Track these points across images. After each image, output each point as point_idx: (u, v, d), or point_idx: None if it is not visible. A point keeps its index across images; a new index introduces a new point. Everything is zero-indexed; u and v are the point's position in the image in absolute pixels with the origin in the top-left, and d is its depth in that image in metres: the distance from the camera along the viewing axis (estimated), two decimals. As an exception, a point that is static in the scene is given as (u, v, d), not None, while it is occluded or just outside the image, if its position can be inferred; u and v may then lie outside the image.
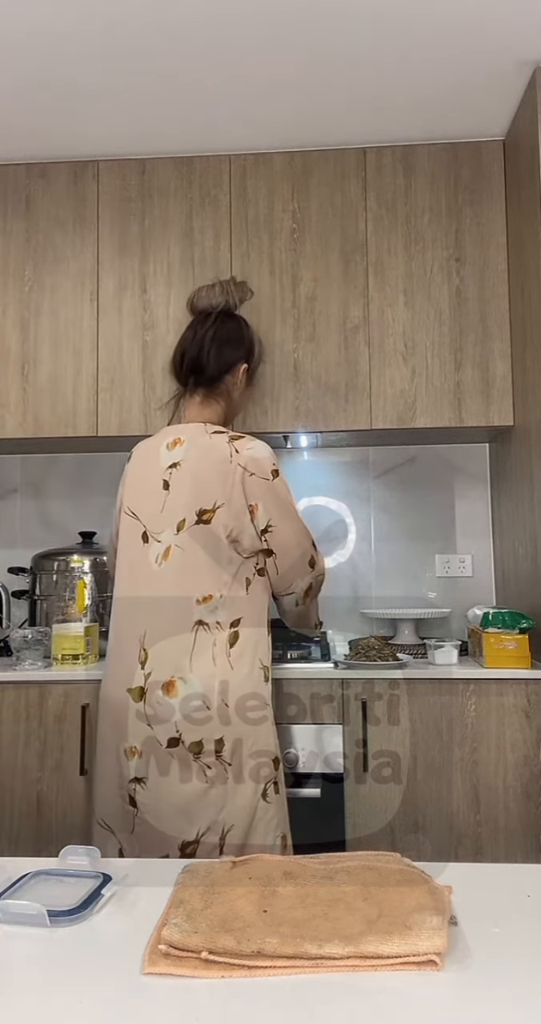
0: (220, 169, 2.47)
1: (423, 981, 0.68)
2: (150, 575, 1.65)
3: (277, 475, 1.71)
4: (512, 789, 1.97)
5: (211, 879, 0.86)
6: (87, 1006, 0.65)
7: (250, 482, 1.65)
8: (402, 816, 1.98)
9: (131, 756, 1.59)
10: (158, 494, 1.69)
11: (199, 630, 1.60)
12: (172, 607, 1.62)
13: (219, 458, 1.66)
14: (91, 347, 2.45)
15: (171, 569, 1.63)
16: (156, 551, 1.66)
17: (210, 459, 1.67)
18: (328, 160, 2.45)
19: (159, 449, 1.75)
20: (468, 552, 2.67)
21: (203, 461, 1.67)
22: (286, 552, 1.70)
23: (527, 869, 0.94)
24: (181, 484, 1.67)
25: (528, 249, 2.19)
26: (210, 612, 1.61)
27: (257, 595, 1.68)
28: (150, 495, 1.70)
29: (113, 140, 2.42)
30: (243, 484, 1.65)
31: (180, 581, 1.62)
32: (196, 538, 1.63)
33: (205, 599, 1.61)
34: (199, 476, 1.66)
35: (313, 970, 0.69)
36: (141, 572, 1.67)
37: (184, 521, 1.64)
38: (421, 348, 2.38)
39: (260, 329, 2.41)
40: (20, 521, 2.78)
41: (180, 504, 1.65)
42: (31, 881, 0.89)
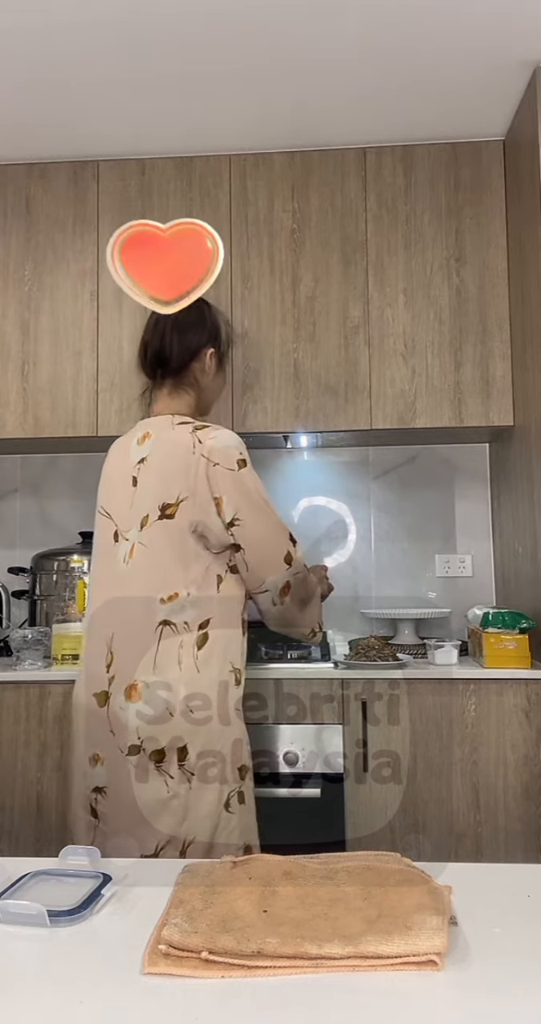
0: (220, 169, 2.47)
1: (423, 981, 0.68)
2: (117, 575, 1.59)
3: (244, 464, 1.60)
4: (512, 789, 1.97)
5: (211, 879, 0.86)
6: (87, 1006, 0.65)
7: (214, 473, 1.56)
8: (402, 816, 1.98)
9: (94, 764, 1.54)
10: (128, 491, 1.62)
11: (164, 631, 1.52)
12: (137, 607, 1.54)
13: (182, 450, 1.58)
14: (91, 347, 2.45)
15: (136, 568, 1.56)
16: (124, 550, 1.59)
17: (174, 451, 1.59)
18: (328, 160, 2.45)
19: (129, 446, 1.68)
20: (468, 552, 2.67)
21: (168, 454, 1.60)
22: (256, 547, 1.58)
23: (527, 869, 0.94)
24: (147, 479, 1.60)
25: (528, 249, 2.19)
26: (176, 612, 1.53)
27: (229, 594, 1.59)
28: (120, 493, 1.64)
29: (113, 140, 2.42)
30: (207, 475, 1.55)
31: (145, 580, 1.55)
32: (159, 534, 1.55)
33: (170, 598, 1.53)
34: (162, 470, 1.59)
35: (313, 970, 0.69)
36: (110, 572, 1.60)
37: (147, 517, 1.57)
38: (421, 348, 2.38)
39: (260, 329, 2.42)
40: (20, 521, 2.78)
41: (145, 500, 1.59)
42: (31, 881, 0.89)
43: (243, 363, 2.41)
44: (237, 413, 2.39)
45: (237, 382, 2.40)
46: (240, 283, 2.43)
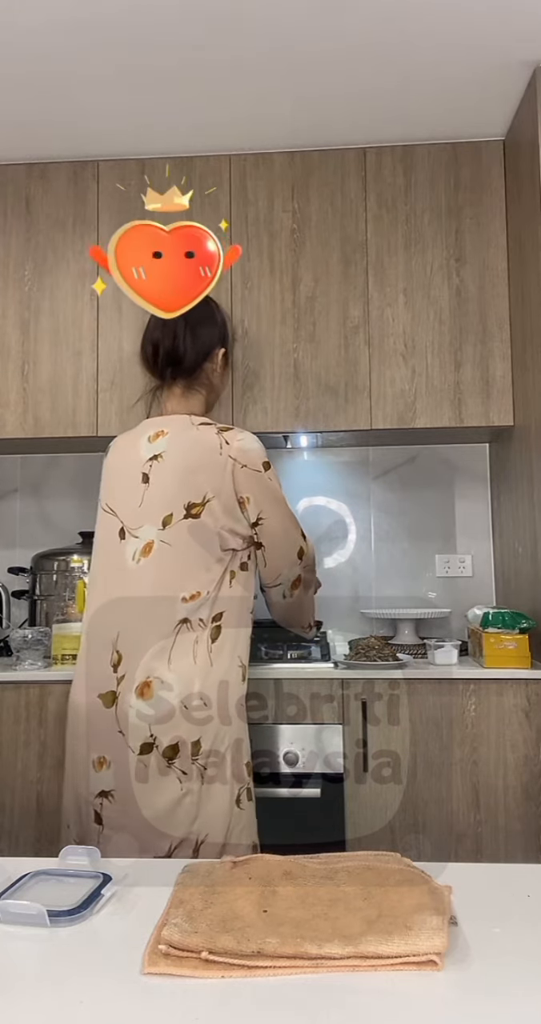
0: (220, 169, 2.47)
1: (423, 981, 0.68)
2: (126, 573, 1.56)
3: (268, 467, 1.65)
4: (512, 789, 1.97)
5: (211, 879, 0.86)
6: (87, 1006, 0.65)
7: (241, 474, 1.59)
8: (402, 816, 1.98)
9: (99, 767, 1.50)
10: (136, 488, 1.60)
11: (181, 629, 1.52)
12: (154, 606, 1.53)
13: (208, 450, 1.59)
14: (91, 347, 2.45)
15: (152, 566, 1.54)
16: (134, 547, 1.57)
17: (198, 451, 1.59)
18: (328, 160, 2.45)
19: (139, 442, 1.66)
20: (468, 552, 2.67)
21: (191, 453, 1.60)
22: (275, 544, 1.63)
23: (527, 869, 0.94)
24: (163, 477, 1.59)
25: (528, 249, 2.19)
26: (195, 610, 1.54)
27: (239, 591, 1.61)
28: (128, 489, 1.62)
29: (113, 140, 2.42)
30: (233, 476, 1.58)
31: (163, 578, 1.54)
32: (185, 533, 1.55)
33: (192, 596, 1.53)
34: (186, 469, 1.58)
35: (313, 970, 0.69)
36: (116, 571, 1.58)
37: (171, 516, 1.56)
38: (421, 348, 2.38)
39: (260, 329, 2.42)
40: (20, 521, 2.78)
41: (164, 498, 1.57)
42: (31, 881, 0.89)
43: (243, 363, 2.41)
44: (237, 413, 2.39)
45: (237, 382, 2.40)
46: (240, 283, 2.43)
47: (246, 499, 1.59)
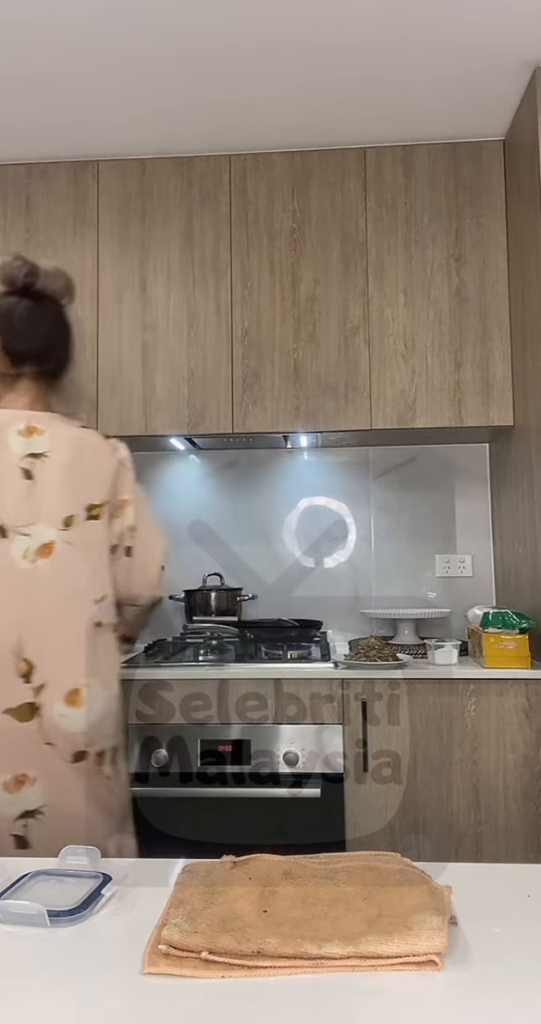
0: (220, 169, 2.47)
1: (423, 981, 0.68)
2: (16, 574, 1.45)
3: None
4: (512, 789, 1.97)
5: (211, 879, 0.86)
6: (87, 1006, 0.65)
7: (125, 477, 1.61)
8: (402, 816, 1.98)
9: (17, 788, 1.40)
10: (17, 484, 1.50)
11: (97, 632, 1.50)
12: (64, 608, 1.46)
13: (101, 452, 1.59)
14: (91, 347, 2.45)
15: (54, 567, 1.47)
16: (24, 546, 1.47)
17: (91, 454, 1.57)
18: (328, 160, 2.45)
19: (6, 435, 1.53)
20: (468, 552, 2.67)
21: (83, 455, 1.55)
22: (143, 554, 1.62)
23: (527, 869, 0.94)
24: (53, 476, 1.51)
25: (528, 249, 2.19)
26: (106, 612, 1.54)
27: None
28: (5, 485, 1.50)
29: (113, 140, 2.42)
30: (119, 479, 1.60)
31: (69, 580, 1.48)
32: (89, 534, 1.52)
33: (102, 598, 1.52)
34: (81, 471, 1.54)
35: (313, 970, 0.69)
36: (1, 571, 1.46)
37: (73, 517, 1.51)
38: (421, 348, 2.38)
39: (260, 329, 2.42)
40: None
41: (61, 497, 1.51)
42: (31, 881, 0.89)
43: (243, 363, 2.41)
44: (237, 413, 2.39)
45: (237, 382, 2.40)
46: (240, 283, 2.43)
47: (127, 501, 1.60)
